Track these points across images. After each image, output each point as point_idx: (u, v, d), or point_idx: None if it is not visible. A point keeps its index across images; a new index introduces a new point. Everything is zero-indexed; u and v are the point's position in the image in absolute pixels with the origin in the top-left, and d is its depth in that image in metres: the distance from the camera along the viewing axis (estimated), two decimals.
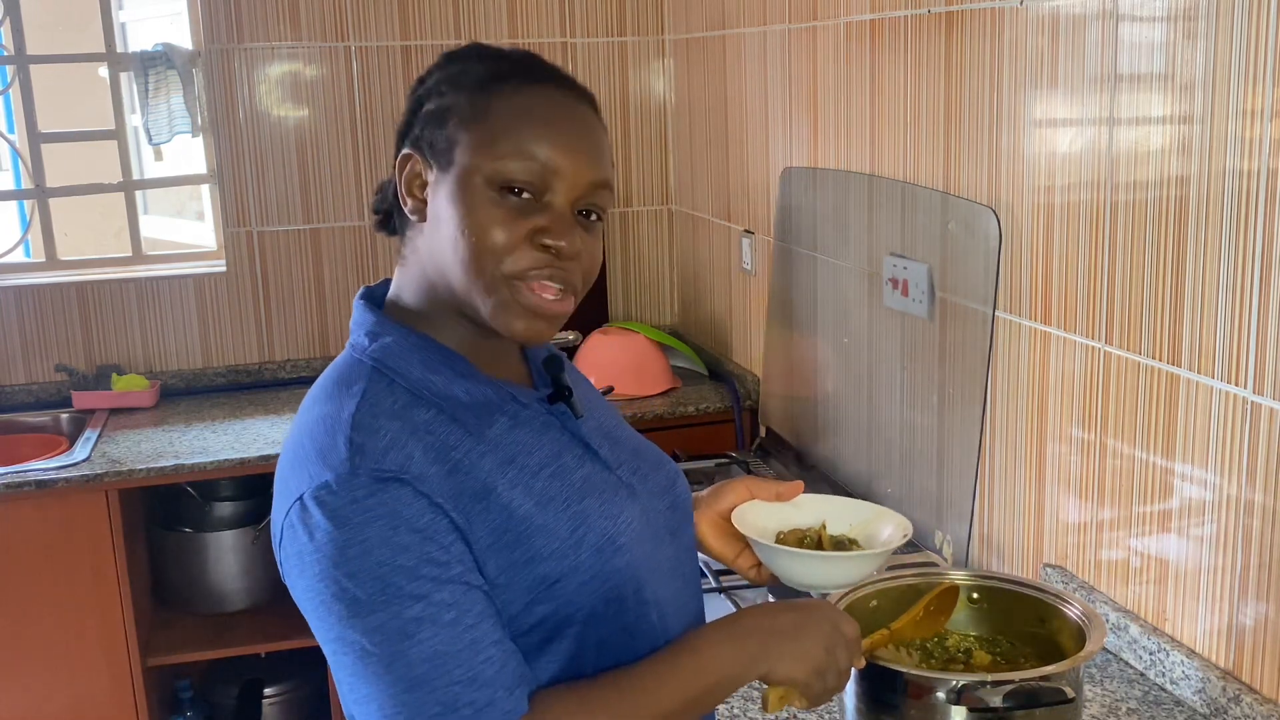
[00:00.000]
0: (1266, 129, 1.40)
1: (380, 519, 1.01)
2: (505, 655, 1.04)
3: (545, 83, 1.12)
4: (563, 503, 1.11)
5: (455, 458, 1.07)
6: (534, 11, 3.49)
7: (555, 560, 1.08)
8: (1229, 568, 1.53)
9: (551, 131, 1.09)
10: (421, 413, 1.08)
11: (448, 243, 1.09)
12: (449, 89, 1.13)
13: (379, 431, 1.05)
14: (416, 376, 1.10)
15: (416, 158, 1.13)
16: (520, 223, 1.08)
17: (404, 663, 1.00)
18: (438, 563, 1.02)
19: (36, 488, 2.74)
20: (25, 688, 2.85)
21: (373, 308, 1.17)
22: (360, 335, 1.14)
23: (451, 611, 1.02)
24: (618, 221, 3.69)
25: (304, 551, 1.04)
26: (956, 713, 1.21)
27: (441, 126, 1.11)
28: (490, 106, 1.10)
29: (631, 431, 1.29)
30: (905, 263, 2.18)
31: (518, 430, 1.13)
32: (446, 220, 1.09)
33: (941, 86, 2.07)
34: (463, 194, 1.08)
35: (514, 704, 1.02)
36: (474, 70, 1.13)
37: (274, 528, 1.10)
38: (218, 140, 3.38)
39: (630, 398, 3.15)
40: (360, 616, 1.01)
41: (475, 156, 1.08)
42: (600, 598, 1.10)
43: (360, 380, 1.10)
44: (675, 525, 1.25)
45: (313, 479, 1.04)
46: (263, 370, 3.50)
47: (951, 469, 2.09)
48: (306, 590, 1.05)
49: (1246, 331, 1.45)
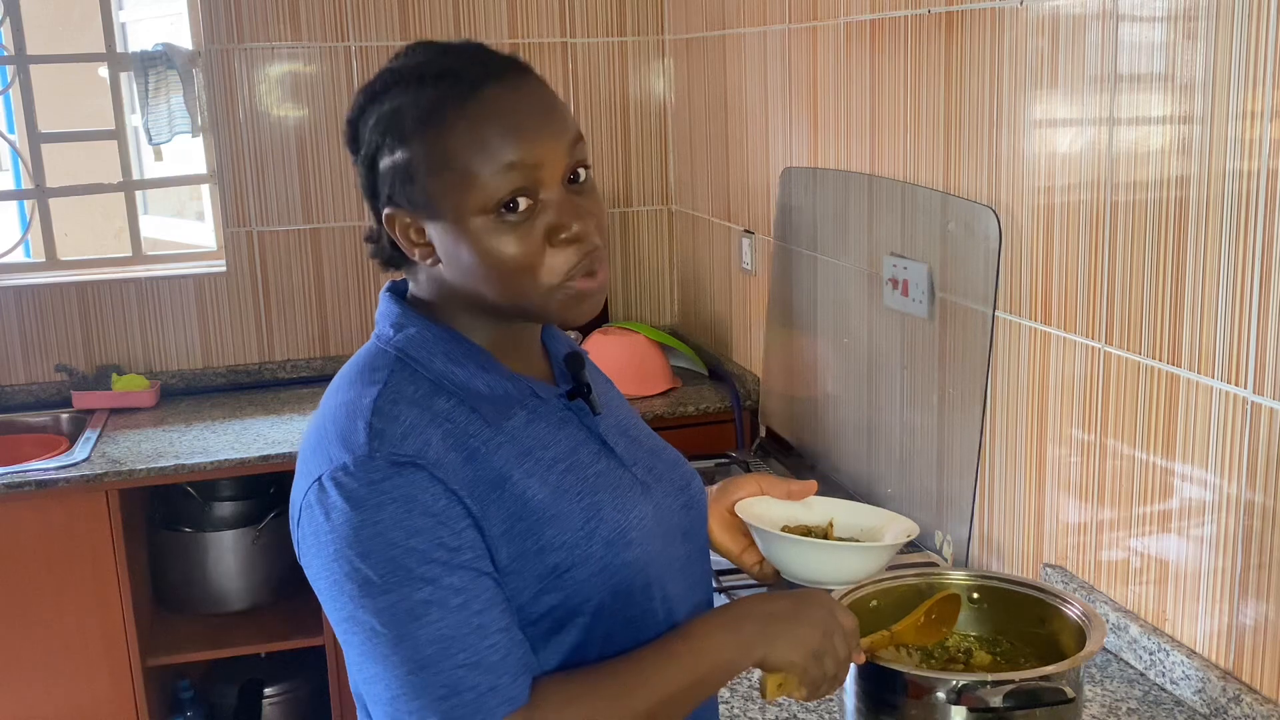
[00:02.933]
0: (1266, 130, 1.40)
1: (395, 502, 1.03)
2: (511, 643, 1.05)
3: (479, 89, 1.07)
4: (576, 495, 1.12)
5: (473, 446, 1.08)
6: (534, 11, 3.49)
7: (566, 550, 1.09)
8: (1229, 568, 1.53)
9: (511, 133, 1.06)
10: (442, 401, 1.10)
11: (475, 277, 1.10)
12: (395, 141, 1.08)
13: (398, 418, 1.07)
14: (439, 368, 1.12)
15: (401, 214, 1.11)
16: (531, 232, 1.07)
17: (411, 644, 1.02)
18: (449, 548, 1.04)
19: (36, 488, 2.74)
20: (25, 688, 2.85)
21: (398, 300, 1.18)
22: (385, 326, 1.16)
23: (460, 596, 1.03)
24: (618, 221, 3.69)
25: (320, 531, 1.06)
26: (956, 713, 1.21)
27: (411, 182, 1.09)
28: (447, 146, 1.06)
29: (649, 431, 1.30)
30: (905, 263, 2.18)
31: (536, 424, 1.14)
32: (463, 259, 1.09)
33: (941, 86, 2.07)
34: (466, 233, 1.08)
35: (516, 691, 1.04)
36: (408, 112, 1.08)
37: (292, 508, 1.12)
38: (218, 140, 3.38)
39: (630, 398, 3.13)
40: (371, 597, 1.03)
41: (459, 196, 1.07)
42: (609, 590, 1.12)
43: (384, 369, 1.12)
44: (688, 525, 1.25)
45: (332, 461, 1.06)
46: (263, 370, 3.50)
47: (951, 469, 2.09)
48: (321, 569, 1.07)
49: (1246, 331, 1.45)
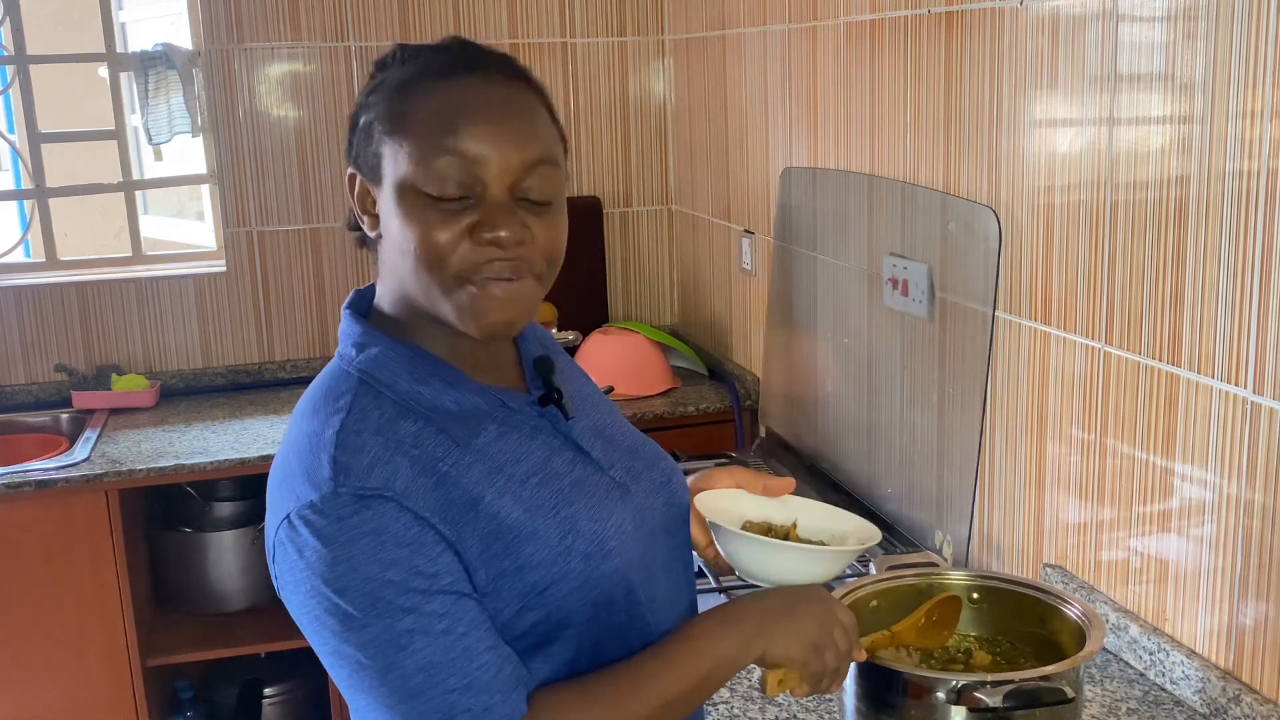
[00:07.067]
0: (1266, 129, 1.40)
1: (365, 536, 1.01)
2: (501, 660, 1.04)
3: (461, 74, 1.08)
4: (551, 509, 1.10)
5: (442, 470, 1.06)
6: (534, 11, 3.49)
7: (544, 568, 1.08)
8: (1229, 568, 1.53)
9: (470, 125, 1.06)
10: (408, 425, 1.07)
11: (399, 255, 1.08)
12: (374, 100, 1.11)
13: (363, 449, 1.04)
14: (404, 387, 1.10)
15: (359, 176, 1.12)
16: (457, 222, 1.06)
17: (399, 674, 1.01)
18: (426, 575, 1.02)
19: (36, 488, 2.74)
20: (25, 688, 2.85)
21: (359, 318, 1.15)
22: (348, 345, 1.14)
23: (443, 621, 1.02)
24: (618, 221, 3.69)
25: (295, 569, 1.04)
26: (956, 713, 1.21)
27: (369, 142, 1.10)
28: (406, 113, 1.07)
29: (628, 428, 1.28)
30: (905, 263, 2.18)
31: (507, 437, 1.12)
32: (393, 233, 1.08)
33: (941, 86, 2.07)
34: (399, 205, 1.07)
35: (512, 706, 1.03)
36: (393, 76, 1.10)
37: (267, 543, 1.10)
38: (218, 140, 3.38)
39: (630, 398, 3.14)
40: (353, 630, 1.01)
41: (401, 166, 1.07)
42: (590, 602, 1.10)
43: (347, 393, 1.09)
44: (669, 523, 1.24)
45: (299, 498, 1.04)
46: (262, 370, 3.50)
47: (951, 469, 2.09)
48: (300, 606, 1.06)
49: (1246, 331, 1.45)
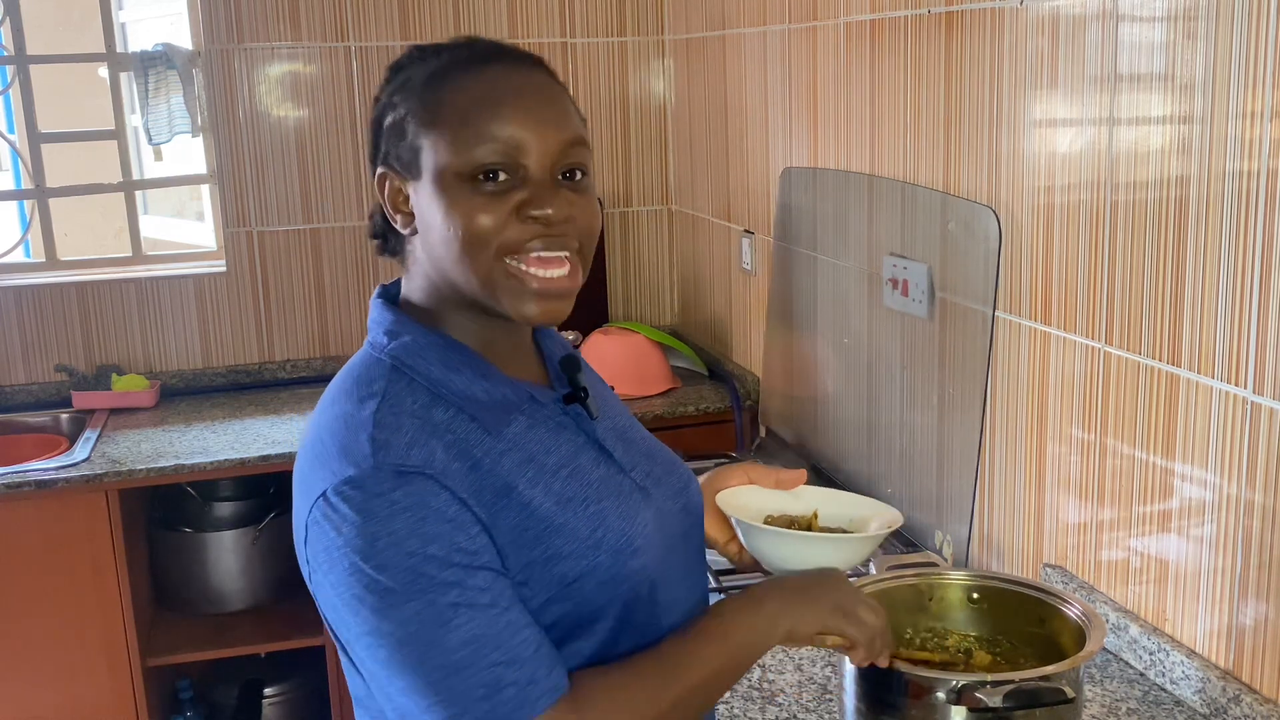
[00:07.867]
0: (1266, 129, 1.40)
1: (407, 510, 1.01)
2: (539, 638, 1.05)
3: (489, 64, 1.12)
4: (581, 503, 1.11)
5: (476, 456, 1.07)
6: (534, 11, 3.49)
7: (574, 560, 1.09)
8: (1229, 568, 1.53)
9: (507, 109, 1.08)
10: (440, 412, 1.09)
11: (441, 244, 1.10)
12: (400, 99, 1.13)
13: (401, 429, 1.05)
14: (436, 375, 1.11)
15: (391, 174, 1.14)
16: (502, 202, 1.08)
17: (441, 649, 1.01)
18: (468, 551, 1.03)
19: (36, 488, 2.74)
20: (25, 687, 2.85)
21: (390, 306, 1.17)
22: (379, 334, 1.14)
23: (487, 595, 1.02)
24: (618, 221, 3.69)
25: (331, 547, 1.03)
26: (956, 713, 1.21)
27: (403, 137, 1.12)
28: (442, 104, 1.10)
29: (645, 433, 1.29)
30: (905, 263, 2.18)
31: (535, 430, 1.13)
32: (433, 223, 1.10)
33: (941, 86, 2.07)
34: (441, 194, 1.08)
35: (554, 681, 1.04)
36: (418, 73, 1.13)
37: (297, 527, 1.10)
38: (218, 140, 3.38)
39: (630, 398, 3.14)
40: (395, 607, 1.01)
41: (442, 155, 1.09)
42: (616, 599, 1.11)
43: (380, 379, 1.10)
44: (687, 529, 1.25)
45: (336, 475, 1.04)
46: (263, 370, 3.50)
47: (951, 469, 2.09)
48: (335, 585, 1.04)
49: (1246, 331, 1.45)
